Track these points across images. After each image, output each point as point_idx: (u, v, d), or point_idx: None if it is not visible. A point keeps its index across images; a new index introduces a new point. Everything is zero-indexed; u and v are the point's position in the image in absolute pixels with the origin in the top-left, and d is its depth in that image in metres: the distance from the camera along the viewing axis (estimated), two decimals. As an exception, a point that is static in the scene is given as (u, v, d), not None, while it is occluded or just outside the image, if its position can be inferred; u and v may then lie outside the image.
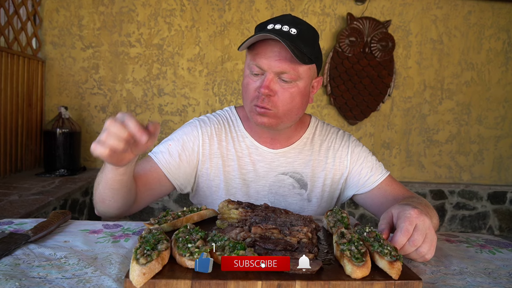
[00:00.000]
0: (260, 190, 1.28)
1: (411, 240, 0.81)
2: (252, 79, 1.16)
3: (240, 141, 1.29)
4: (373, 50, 3.77)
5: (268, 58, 1.10)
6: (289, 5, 3.77)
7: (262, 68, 1.12)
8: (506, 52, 4.03)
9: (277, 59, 1.09)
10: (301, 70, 1.13)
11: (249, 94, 1.16)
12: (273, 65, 1.10)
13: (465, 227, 4.04)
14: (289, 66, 1.10)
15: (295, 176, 1.29)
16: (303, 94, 1.17)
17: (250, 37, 1.10)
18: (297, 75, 1.12)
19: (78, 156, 3.39)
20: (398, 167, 4.04)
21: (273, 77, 1.11)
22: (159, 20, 3.64)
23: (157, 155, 1.21)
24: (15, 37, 3.03)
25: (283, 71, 1.10)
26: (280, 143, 1.29)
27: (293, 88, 1.13)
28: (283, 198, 1.29)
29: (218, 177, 1.27)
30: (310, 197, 1.30)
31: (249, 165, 1.27)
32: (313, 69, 1.18)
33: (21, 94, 3.12)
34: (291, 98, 1.14)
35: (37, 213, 2.19)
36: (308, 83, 1.18)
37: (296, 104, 1.16)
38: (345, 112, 3.88)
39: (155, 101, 3.71)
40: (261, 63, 1.11)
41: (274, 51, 1.10)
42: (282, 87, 1.12)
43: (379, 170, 1.29)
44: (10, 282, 0.65)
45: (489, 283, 0.79)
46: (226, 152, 1.28)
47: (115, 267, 0.74)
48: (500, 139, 4.13)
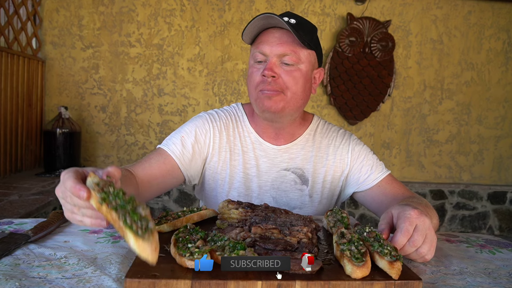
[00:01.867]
0: (263, 185, 1.30)
1: (411, 240, 0.81)
2: (256, 67, 1.20)
3: (245, 136, 1.31)
4: (373, 50, 3.77)
5: (270, 43, 1.16)
6: (289, 5, 3.78)
7: (265, 54, 1.17)
8: (506, 52, 4.03)
9: (278, 43, 1.15)
10: (302, 54, 1.17)
11: (254, 81, 1.20)
12: (274, 49, 1.15)
13: (465, 227, 4.04)
14: (289, 49, 1.15)
15: (297, 172, 1.31)
16: (306, 78, 1.20)
17: (251, 20, 1.15)
18: (298, 58, 1.17)
19: (78, 156, 3.39)
20: (398, 167, 4.04)
21: (276, 60, 1.16)
22: (159, 20, 3.64)
23: (170, 147, 1.22)
24: (15, 37, 3.04)
25: (284, 53, 1.15)
26: (284, 138, 1.31)
27: (295, 72, 1.17)
28: (285, 193, 1.31)
29: (225, 170, 1.29)
30: (311, 193, 1.32)
31: (253, 160, 1.30)
32: (313, 56, 1.22)
33: (21, 94, 3.12)
34: (295, 80, 1.17)
35: (37, 213, 2.19)
36: (309, 69, 1.21)
37: (300, 87, 1.19)
38: (345, 112, 3.88)
39: (155, 101, 3.71)
40: (264, 49, 1.16)
41: (276, 36, 1.16)
42: (285, 70, 1.17)
43: (379, 169, 1.30)
44: (10, 282, 0.65)
45: (489, 283, 0.79)
46: (233, 147, 1.30)
47: (115, 267, 0.74)
48: (500, 139, 4.13)
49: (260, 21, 1.14)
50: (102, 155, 3.70)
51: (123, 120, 3.68)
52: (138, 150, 3.73)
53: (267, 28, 1.19)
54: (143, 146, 3.73)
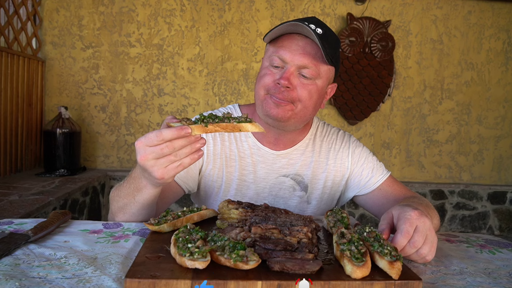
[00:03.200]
0: (260, 192, 1.27)
1: (411, 241, 0.81)
2: (271, 70, 1.14)
3: (243, 140, 1.27)
4: (373, 50, 3.77)
5: (292, 51, 1.09)
6: (289, 5, 3.77)
7: (284, 60, 1.10)
8: (506, 52, 4.03)
9: (301, 52, 1.09)
10: (322, 69, 1.12)
11: (265, 84, 1.13)
12: (296, 58, 1.09)
13: (465, 227, 4.04)
14: (311, 62, 1.09)
15: (296, 178, 1.28)
16: (320, 94, 1.15)
17: (278, 25, 1.09)
18: (318, 73, 1.11)
19: (78, 156, 3.39)
20: (398, 167, 4.04)
21: (294, 70, 1.10)
22: (159, 20, 3.64)
23: None
24: (15, 37, 3.03)
25: (305, 65, 1.09)
26: (283, 144, 1.27)
27: (311, 86, 1.12)
28: (283, 200, 1.27)
29: (221, 178, 1.26)
30: (309, 199, 1.29)
31: (250, 166, 1.26)
32: (332, 72, 1.17)
33: (21, 94, 3.12)
34: (310, 95, 1.12)
35: (37, 213, 2.19)
36: (325, 85, 1.16)
37: (313, 103, 1.14)
38: (345, 112, 3.88)
39: (155, 101, 3.71)
40: (284, 55, 1.10)
41: (299, 45, 1.10)
42: (302, 82, 1.11)
43: (380, 171, 1.28)
44: (10, 282, 0.65)
45: (489, 283, 0.78)
46: (229, 153, 1.26)
47: (115, 267, 0.74)
48: (500, 139, 4.13)
49: (287, 26, 1.09)
50: (102, 155, 3.70)
51: (123, 120, 3.68)
52: (138, 150, 3.72)
53: (291, 32, 1.11)
54: (143, 146, 3.73)
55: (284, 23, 1.08)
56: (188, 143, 0.80)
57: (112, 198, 1.09)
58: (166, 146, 0.79)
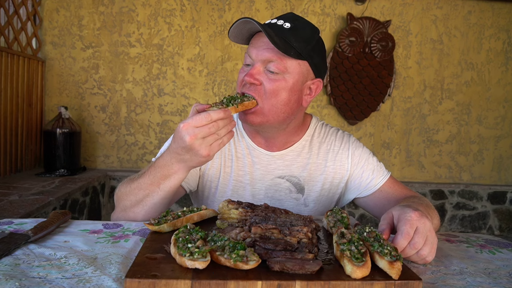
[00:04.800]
0: (256, 194, 1.26)
1: (411, 243, 0.81)
2: (243, 69, 1.16)
3: (239, 140, 1.27)
4: (373, 50, 3.77)
5: (257, 47, 1.11)
6: (289, 5, 3.77)
7: (252, 57, 1.13)
8: (506, 52, 4.03)
9: (265, 48, 1.10)
10: (289, 63, 1.10)
11: (238, 84, 1.16)
12: (260, 53, 1.10)
13: (465, 227, 4.04)
14: (275, 56, 1.08)
15: (292, 180, 1.26)
16: (292, 91, 1.12)
17: (233, 23, 1.10)
18: (284, 67, 1.09)
19: (78, 156, 3.39)
20: (398, 167, 4.04)
21: (260, 66, 1.10)
22: (159, 20, 3.64)
23: None
24: (15, 37, 3.03)
25: (270, 59, 1.09)
26: (277, 145, 1.26)
27: (279, 81, 1.10)
28: (279, 202, 1.26)
29: (217, 178, 1.26)
30: (306, 202, 1.27)
31: (246, 166, 1.25)
32: (304, 67, 1.13)
33: (21, 94, 3.12)
34: (276, 91, 1.10)
35: (37, 213, 2.19)
36: (298, 81, 1.12)
37: (282, 100, 1.11)
38: (345, 112, 3.88)
39: (155, 101, 3.71)
40: (251, 53, 1.13)
41: (264, 41, 1.10)
42: (269, 77, 1.10)
43: (380, 172, 1.26)
44: (10, 282, 0.65)
45: (489, 283, 0.78)
46: (227, 152, 1.26)
47: (115, 267, 0.74)
48: (500, 139, 4.13)
49: (242, 24, 1.09)
50: (102, 155, 3.70)
51: (123, 120, 3.68)
52: (138, 150, 3.73)
53: (260, 31, 1.11)
54: (143, 146, 3.73)
55: (236, 21, 1.08)
56: (228, 123, 0.95)
57: (125, 194, 1.08)
58: (213, 125, 0.91)
